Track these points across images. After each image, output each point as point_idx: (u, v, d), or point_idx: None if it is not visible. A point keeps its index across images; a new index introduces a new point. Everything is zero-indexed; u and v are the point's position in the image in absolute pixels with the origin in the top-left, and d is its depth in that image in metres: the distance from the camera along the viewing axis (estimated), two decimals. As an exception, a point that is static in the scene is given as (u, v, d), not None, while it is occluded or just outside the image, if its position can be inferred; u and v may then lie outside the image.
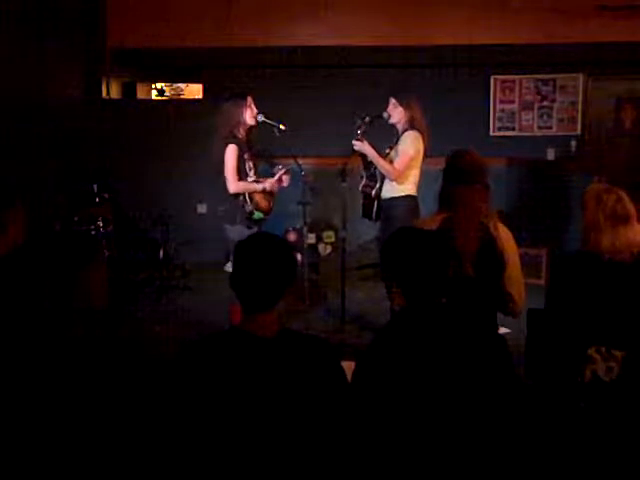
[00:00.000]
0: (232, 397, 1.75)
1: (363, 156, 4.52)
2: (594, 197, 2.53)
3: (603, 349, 2.37)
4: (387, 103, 4.52)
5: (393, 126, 4.54)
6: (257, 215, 4.35)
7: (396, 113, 4.46)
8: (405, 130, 4.43)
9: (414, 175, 4.44)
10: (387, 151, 4.46)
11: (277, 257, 1.86)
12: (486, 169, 2.89)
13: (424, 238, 2.04)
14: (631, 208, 2.52)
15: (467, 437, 1.82)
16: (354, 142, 4.41)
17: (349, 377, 1.95)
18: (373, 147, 4.44)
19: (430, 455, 1.82)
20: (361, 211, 4.62)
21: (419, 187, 4.52)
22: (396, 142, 4.46)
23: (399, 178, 4.38)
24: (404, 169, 4.37)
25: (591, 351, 2.37)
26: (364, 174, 4.56)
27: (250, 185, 4.35)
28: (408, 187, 4.43)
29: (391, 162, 4.40)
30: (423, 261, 1.96)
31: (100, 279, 4.94)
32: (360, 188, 4.56)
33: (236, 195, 4.32)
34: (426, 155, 4.43)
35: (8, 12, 5.04)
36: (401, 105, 4.44)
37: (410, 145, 4.36)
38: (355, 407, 1.88)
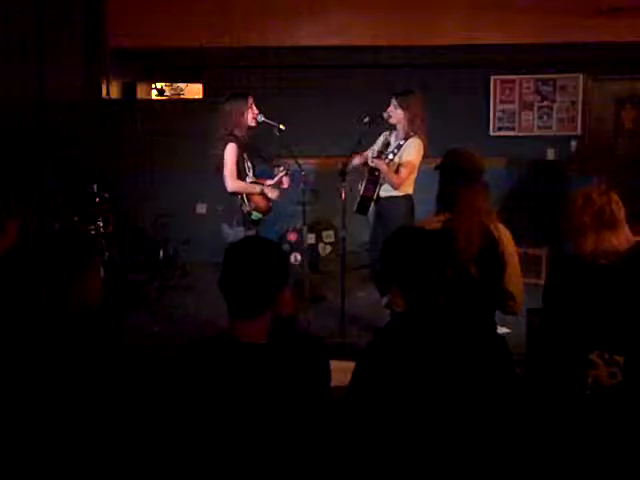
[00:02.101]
0: (218, 406, 1.74)
1: (371, 168, 4.53)
2: (583, 196, 2.44)
3: (606, 355, 2.34)
4: (388, 103, 4.52)
5: (394, 126, 4.54)
6: (255, 216, 4.35)
7: (396, 114, 4.46)
8: (407, 134, 4.44)
9: (413, 178, 4.52)
10: (390, 157, 4.46)
11: (265, 262, 1.81)
12: (483, 167, 2.89)
13: (425, 238, 2.03)
14: (620, 214, 2.43)
15: (467, 437, 1.82)
16: (372, 159, 4.45)
17: (349, 377, 1.94)
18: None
19: (430, 456, 1.82)
20: (355, 207, 4.63)
21: (416, 186, 4.55)
22: (398, 147, 4.46)
23: (402, 186, 4.44)
24: (408, 177, 4.44)
25: (593, 356, 2.35)
26: (365, 178, 4.56)
27: (249, 186, 4.36)
28: (406, 188, 4.49)
29: (397, 171, 4.42)
30: (423, 261, 1.96)
31: (95, 279, 4.90)
32: (361, 192, 4.56)
33: (234, 195, 4.32)
34: (425, 156, 4.44)
35: (8, 12, 5.04)
36: (401, 106, 4.44)
37: (415, 155, 4.42)
38: (354, 407, 1.88)
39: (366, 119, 4.54)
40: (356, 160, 4.62)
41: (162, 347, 4.39)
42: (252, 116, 4.36)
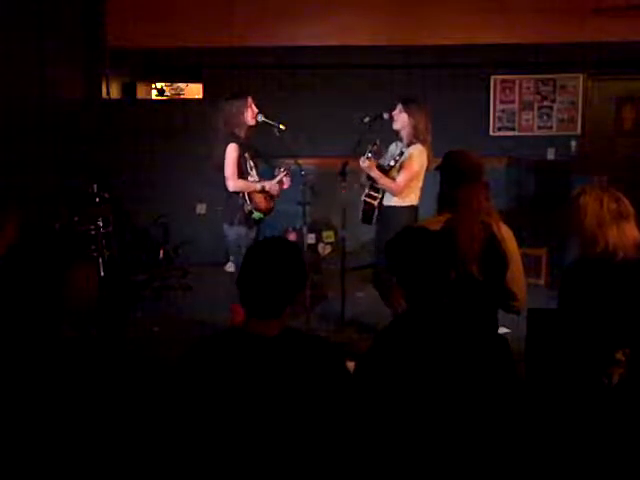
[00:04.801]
0: (236, 396, 1.74)
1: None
2: (595, 197, 2.52)
3: (628, 351, 2.37)
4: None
5: (397, 132, 4.50)
6: (257, 215, 4.35)
7: (400, 118, 4.41)
8: (410, 141, 4.39)
9: (416, 187, 4.40)
10: (392, 163, 4.42)
11: (289, 265, 1.82)
12: (483, 167, 2.90)
13: (428, 239, 2.03)
14: (630, 206, 2.53)
15: (468, 438, 1.82)
16: (362, 161, 4.34)
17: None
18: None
19: (431, 456, 1.82)
20: (360, 216, 4.59)
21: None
22: (400, 154, 4.42)
23: (401, 193, 4.36)
24: (407, 184, 4.34)
25: (619, 355, 2.37)
26: (367, 183, 4.52)
27: (250, 184, 4.36)
28: (409, 197, 4.39)
29: (394, 178, 4.36)
30: (427, 261, 1.96)
31: (89, 279, 4.89)
32: (363, 197, 4.53)
33: (235, 194, 4.33)
34: (429, 165, 4.36)
35: (8, 12, 5.04)
36: (406, 112, 4.38)
37: (415, 161, 4.31)
38: (355, 407, 1.88)
39: (366, 119, 4.52)
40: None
41: (162, 347, 4.40)
42: (252, 115, 4.36)
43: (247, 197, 4.31)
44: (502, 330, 3.34)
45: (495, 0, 6.54)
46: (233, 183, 4.29)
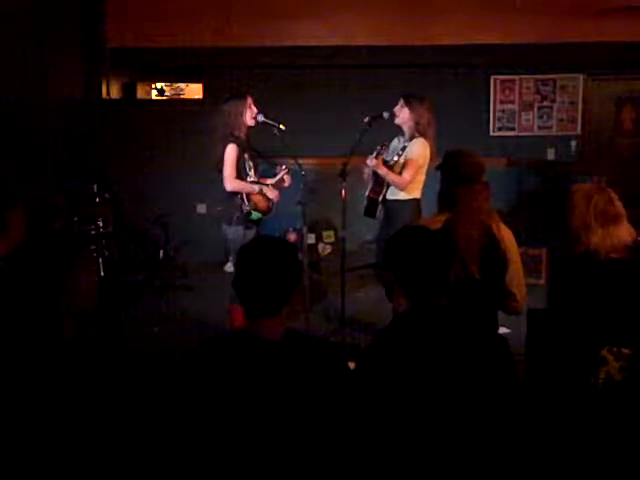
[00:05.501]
0: (238, 398, 1.74)
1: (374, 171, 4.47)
2: (584, 197, 2.54)
3: (615, 349, 2.37)
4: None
5: (400, 128, 4.51)
6: (255, 215, 4.35)
7: (402, 113, 4.43)
8: (412, 136, 4.41)
9: (419, 181, 4.43)
10: (395, 159, 4.43)
11: (282, 262, 1.82)
12: (484, 167, 2.90)
13: (429, 238, 2.03)
14: (621, 208, 2.53)
15: (468, 439, 1.82)
16: (369, 160, 4.37)
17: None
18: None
19: (431, 457, 1.82)
20: (363, 210, 4.60)
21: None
22: (403, 149, 4.44)
23: (407, 187, 4.38)
24: (413, 178, 4.36)
25: (604, 352, 2.38)
26: (371, 179, 4.53)
27: (247, 185, 4.35)
28: (413, 192, 4.42)
29: (400, 173, 4.37)
30: (427, 261, 1.95)
31: (89, 278, 4.87)
32: (367, 193, 4.54)
33: (234, 194, 4.33)
34: (432, 159, 4.38)
35: (8, 12, 5.04)
36: (408, 106, 4.40)
37: (418, 155, 4.34)
38: (356, 408, 1.88)
39: (366, 119, 4.52)
40: (366, 170, 4.50)
41: (162, 347, 4.40)
42: (251, 116, 4.36)
43: (245, 197, 4.32)
44: (502, 330, 3.33)
45: (495, 0, 6.54)
46: (230, 184, 4.29)
